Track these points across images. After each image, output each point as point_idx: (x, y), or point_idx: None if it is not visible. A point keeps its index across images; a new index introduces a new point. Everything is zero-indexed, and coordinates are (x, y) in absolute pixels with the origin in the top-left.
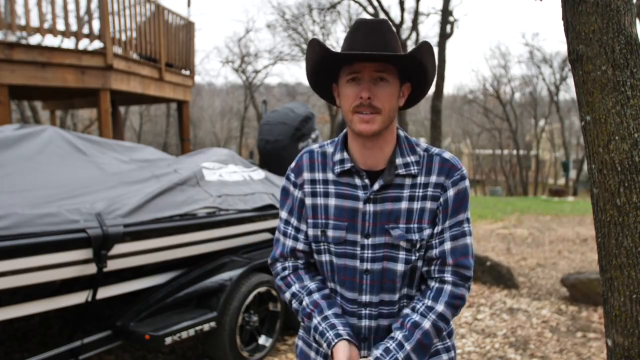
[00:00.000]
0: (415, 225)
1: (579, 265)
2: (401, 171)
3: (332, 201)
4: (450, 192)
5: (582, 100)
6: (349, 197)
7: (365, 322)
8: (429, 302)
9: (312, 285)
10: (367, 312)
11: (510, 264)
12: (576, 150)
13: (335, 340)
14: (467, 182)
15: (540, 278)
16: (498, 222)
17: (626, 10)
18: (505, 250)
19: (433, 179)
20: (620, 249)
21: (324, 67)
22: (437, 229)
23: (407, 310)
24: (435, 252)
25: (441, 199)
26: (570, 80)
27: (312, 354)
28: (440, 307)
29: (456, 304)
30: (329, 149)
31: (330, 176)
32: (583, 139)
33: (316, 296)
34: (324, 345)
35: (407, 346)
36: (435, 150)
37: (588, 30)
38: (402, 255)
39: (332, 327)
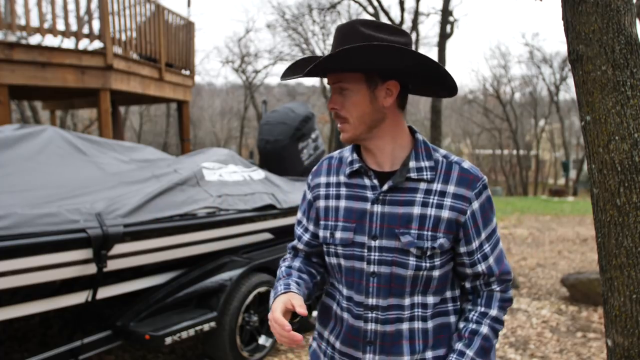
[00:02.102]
0: (430, 233)
1: (579, 265)
2: (413, 175)
3: (342, 203)
4: (476, 205)
5: (582, 100)
6: (359, 198)
7: (371, 326)
8: (482, 309)
9: (297, 264)
10: (374, 315)
11: (510, 264)
12: (576, 150)
13: (282, 291)
14: (489, 190)
15: (540, 278)
16: (498, 222)
17: (626, 10)
18: (505, 250)
19: (452, 189)
20: (620, 249)
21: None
22: (475, 244)
23: (461, 323)
24: (481, 267)
25: (468, 213)
26: (570, 80)
27: (322, 356)
28: (494, 312)
29: (506, 306)
30: (346, 154)
31: (342, 178)
32: (583, 139)
33: (295, 268)
34: (272, 300)
35: (470, 352)
36: (454, 158)
37: (588, 30)
38: (412, 261)
39: (287, 285)
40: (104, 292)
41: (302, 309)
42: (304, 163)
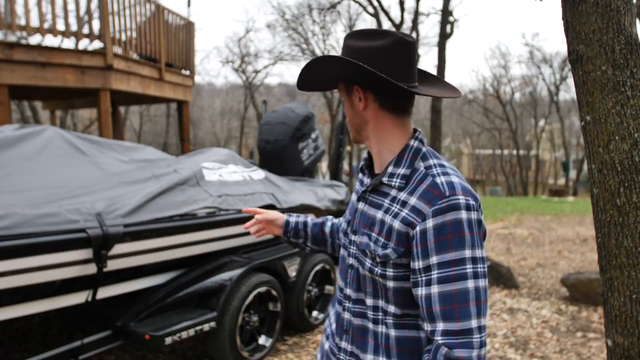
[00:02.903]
0: (382, 240)
1: (579, 265)
2: (385, 180)
3: (354, 197)
4: (429, 223)
5: (582, 100)
6: (357, 193)
7: (346, 315)
8: None
9: (337, 220)
10: (348, 305)
11: (510, 264)
12: (576, 150)
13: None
14: (462, 214)
15: (540, 278)
16: (498, 222)
17: (626, 10)
18: (505, 250)
19: (413, 200)
20: (620, 249)
21: None
22: (418, 264)
23: None
24: (420, 292)
25: (417, 228)
26: (570, 80)
27: (324, 336)
28: None
29: None
30: None
31: (360, 175)
32: (583, 139)
33: (333, 220)
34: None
35: None
36: (436, 170)
37: (588, 30)
38: (367, 262)
39: (297, 216)
40: (104, 292)
41: (258, 215)
42: (304, 163)
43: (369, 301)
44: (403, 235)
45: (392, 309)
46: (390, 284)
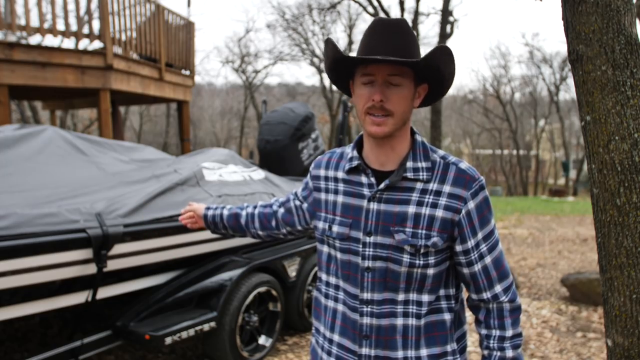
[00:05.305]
0: (423, 232)
1: (579, 265)
2: (409, 175)
3: (340, 198)
4: (471, 205)
5: (582, 100)
6: (356, 195)
7: (366, 320)
8: (498, 333)
9: (252, 210)
10: (369, 309)
11: (510, 264)
12: (576, 150)
13: (210, 206)
14: (486, 191)
15: (540, 278)
16: (498, 222)
17: (626, 10)
18: (505, 250)
19: (447, 188)
20: (620, 249)
21: (341, 66)
22: (471, 242)
23: (485, 351)
24: (477, 267)
25: (463, 212)
26: (570, 80)
27: (319, 351)
28: (509, 332)
29: (518, 316)
30: (347, 150)
31: (341, 174)
32: (583, 139)
33: (250, 208)
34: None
35: None
36: (452, 159)
37: (588, 30)
38: (405, 258)
39: (215, 207)
40: (104, 292)
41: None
42: (304, 163)
43: (401, 296)
44: (448, 222)
45: (425, 298)
46: (431, 271)
